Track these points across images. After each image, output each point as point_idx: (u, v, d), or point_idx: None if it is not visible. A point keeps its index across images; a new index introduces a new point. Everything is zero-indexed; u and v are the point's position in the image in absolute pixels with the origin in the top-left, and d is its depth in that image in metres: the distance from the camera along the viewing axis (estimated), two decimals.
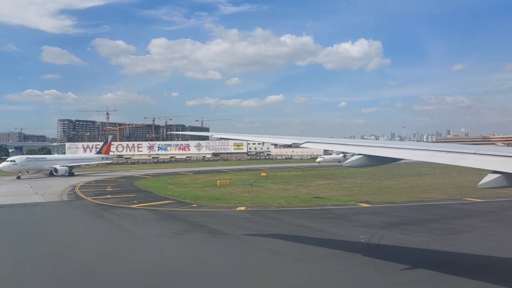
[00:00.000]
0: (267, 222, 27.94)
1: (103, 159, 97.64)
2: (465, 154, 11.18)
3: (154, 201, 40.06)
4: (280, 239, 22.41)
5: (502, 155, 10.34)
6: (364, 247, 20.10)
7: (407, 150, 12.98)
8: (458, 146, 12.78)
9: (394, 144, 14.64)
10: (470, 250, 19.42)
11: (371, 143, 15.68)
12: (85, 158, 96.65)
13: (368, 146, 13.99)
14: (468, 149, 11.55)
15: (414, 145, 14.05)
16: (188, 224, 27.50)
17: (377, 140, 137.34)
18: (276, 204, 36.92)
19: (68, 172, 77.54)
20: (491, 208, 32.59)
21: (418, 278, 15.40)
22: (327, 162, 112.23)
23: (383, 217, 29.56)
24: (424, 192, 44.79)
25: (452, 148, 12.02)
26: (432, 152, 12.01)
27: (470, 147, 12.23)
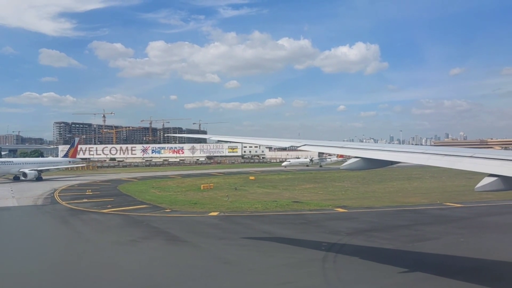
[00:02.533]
0: (233, 229, 27.09)
1: (70, 162, 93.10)
2: (462, 157, 11.13)
3: (129, 205, 39.23)
4: (238, 247, 21.60)
5: (499, 159, 10.29)
6: (322, 256, 19.22)
7: (404, 153, 12.88)
8: (455, 149, 12.61)
9: (391, 147, 14.52)
10: (427, 260, 18.53)
11: (368, 146, 15.55)
12: (53, 161, 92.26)
13: (365, 149, 13.83)
14: (465, 152, 11.46)
15: (411, 148, 13.93)
16: (151, 230, 26.65)
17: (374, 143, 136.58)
18: (252, 209, 36.10)
19: (36, 176, 72.66)
20: (468, 214, 31.70)
21: None
22: (293, 166, 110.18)
23: (354, 223, 28.71)
24: (407, 197, 43.94)
25: (449, 151, 11.94)
26: (429, 155, 11.92)
27: (467, 150, 12.07)
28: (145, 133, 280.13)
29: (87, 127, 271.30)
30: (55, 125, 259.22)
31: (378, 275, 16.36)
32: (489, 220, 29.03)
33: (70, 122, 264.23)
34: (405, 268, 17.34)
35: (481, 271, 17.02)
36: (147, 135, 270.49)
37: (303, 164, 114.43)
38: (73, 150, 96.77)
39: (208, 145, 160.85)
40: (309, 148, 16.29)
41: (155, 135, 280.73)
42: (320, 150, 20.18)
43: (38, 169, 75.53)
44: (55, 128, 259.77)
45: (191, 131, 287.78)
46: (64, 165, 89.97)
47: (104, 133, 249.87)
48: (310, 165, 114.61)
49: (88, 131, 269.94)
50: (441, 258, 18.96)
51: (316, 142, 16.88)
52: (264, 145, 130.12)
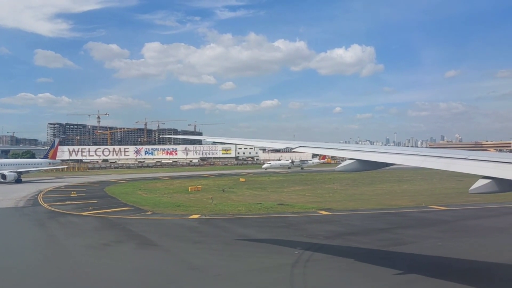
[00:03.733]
0: (210, 232, 26.54)
1: (50, 164, 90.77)
2: (456, 160, 11.11)
3: (112, 208, 38.61)
4: (210, 251, 21.06)
5: (493, 161, 10.30)
6: (294, 260, 18.70)
7: (399, 155, 12.83)
8: (450, 151, 12.60)
9: (386, 149, 14.45)
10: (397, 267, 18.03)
11: (364, 148, 15.45)
12: (33, 163, 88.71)
13: (361, 151, 13.78)
14: (460, 155, 11.47)
15: (406, 150, 13.81)
16: (126, 234, 26.06)
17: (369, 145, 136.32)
18: (235, 211, 35.60)
19: (16, 178, 69.99)
20: (451, 217, 31.30)
21: None
22: (274, 169, 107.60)
23: (334, 226, 28.24)
24: (394, 199, 43.57)
25: (444, 154, 11.93)
26: (424, 157, 11.93)
27: (461, 152, 12.06)
28: (140, 134, 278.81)
29: (82, 128, 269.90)
30: (49, 126, 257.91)
31: (346, 281, 15.89)
32: (472, 223, 28.62)
33: (65, 123, 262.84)
34: (376, 274, 16.86)
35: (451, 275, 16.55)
36: (142, 137, 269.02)
37: (284, 167, 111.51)
38: (53, 151, 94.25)
39: (202, 146, 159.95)
40: (305, 150, 16.38)
41: (150, 136, 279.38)
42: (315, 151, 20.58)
43: (18, 170, 73.28)
44: (49, 129, 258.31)
45: (187, 133, 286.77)
46: (44, 166, 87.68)
47: (99, 134, 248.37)
48: (291, 167, 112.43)
49: (83, 132, 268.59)
50: (415, 262, 18.50)
51: (312, 143, 16.88)
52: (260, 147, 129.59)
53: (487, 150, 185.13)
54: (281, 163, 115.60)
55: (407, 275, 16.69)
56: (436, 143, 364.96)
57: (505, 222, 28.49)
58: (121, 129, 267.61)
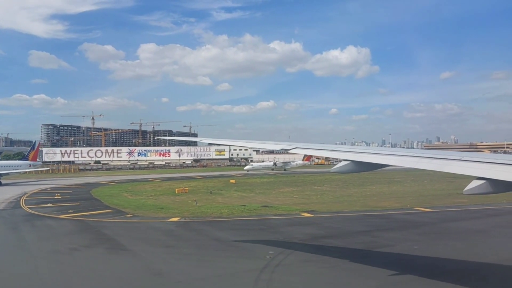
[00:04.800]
0: (185, 236, 25.97)
1: (31, 166, 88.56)
2: (451, 161, 11.14)
3: (92, 210, 37.96)
4: (179, 256, 20.53)
5: (487, 162, 10.33)
6: (264, 265, 18.14)
7: (394, 156, 12.85)
8: (444, 152, 12.67)
9: (381, 150, 14.51)
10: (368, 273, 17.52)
11: (359, 149, 15.38)
12: (13, 165, 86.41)
13: (356, 152, 13.77)
14: (454, 156, 11.49)
15: (401, 151, 13.84)
16: (99, 237, 25.43)
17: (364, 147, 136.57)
18: (217, 214, 35.01)
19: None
20: (434, 219, 30.85)
21: None
22: (256, 170, 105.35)
23: (314, 228, 27.74)
24: (381, 201, 43.12)
25: (438, 155, 11.98)
26: (418, 159, 11.95)
27: (455, 153, 12.09)
28: (134, 135, 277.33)
29: (76, 130, 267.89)
30: (43, 128, 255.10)
31: (311, 287, 15.35)
32: (452, 225, 28.16)
33: (58, 125, 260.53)
34: (344, 281, 16.36)
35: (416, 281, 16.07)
36: (136, 138, 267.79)
37: (267, 168, 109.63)
38: (34, 152, 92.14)
39: (195, 148, 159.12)
40: (300, 151, 16.42)
41: (145, 137, 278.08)
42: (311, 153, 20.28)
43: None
44: (43, 130, 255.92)
45: (182, 134, 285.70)
46: (24, 168, 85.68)
47: (93, 135, 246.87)
48: (274, 168, 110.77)
49: (77, 134, 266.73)
50: (387, 267, 17.98)
51: (307, 145, 16.82)
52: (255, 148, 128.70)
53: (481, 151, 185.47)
54: (264, 165, 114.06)
55: (378, 281, 16.21)
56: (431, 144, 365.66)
57: (486, 224, 28.02)
58: (115, 130, 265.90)
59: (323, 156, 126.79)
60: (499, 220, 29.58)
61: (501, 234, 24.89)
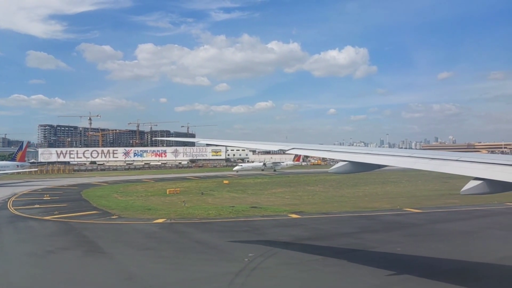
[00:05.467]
0: (167, 238, 25.47)
1: (18, 166, 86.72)
2: (448, 161, 11.13)
3: (79, 212, 37.50)
4: (156, 259, 20.01)
5: (484, 162, 10.31)
6: (240, 269, 17.66)
7: (391, 156, 12.85)
8: (442, 153, 12.63)
9: (378, 151, 14.53)
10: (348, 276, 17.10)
11: (356, 149, 15.35)
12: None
13: (353, 153, 13.75)
14: (451, 156, 11.49)
15: (398, 152, 13.81)
16: (78, 240, 24.94)
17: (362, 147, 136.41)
18: (203, 215, 34.55)
19: None
20: (422, 220, 30.41)
21: None
22: (246, 171, 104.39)
23: (299, 230, 27.29)
24: (372, 202, 42.73)
25: (435, 155, 11.97)
26: (415, 159, 11.95)
27: (453, 154, 12.07)
28: (132, 136, 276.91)
29: (73, 130, 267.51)
30: (39, 128, 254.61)
31: None
32: (440, 227, 27.73)
33: (55, 125, 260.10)
34: (322, 284, 15.92)
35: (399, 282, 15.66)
36: (134, 138, 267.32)
37: (256, 169, 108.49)
38: (21, 153, 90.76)
39: (192, 148, 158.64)
40: (298, 152, 16.57)
41: (142, 138, 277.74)
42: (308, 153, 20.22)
43: None
44: (40, 131, 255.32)
45: (179, 134, 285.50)
46: (11, 169, 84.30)
47: (90, 136, 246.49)
48: (264, 169, 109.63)
49: (74, 134, 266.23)
50: (366, 270, 17.55)
51: (305, 145, 16.84)
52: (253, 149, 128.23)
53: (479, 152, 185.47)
54: (254, 165, 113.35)
55: (357, 285, 15.79)
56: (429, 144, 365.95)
57: (474, 225, 27.59)
58: (113, 131, 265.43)
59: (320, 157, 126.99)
60: (488, 221, 29.15)
61: (488, 236, 24.46)
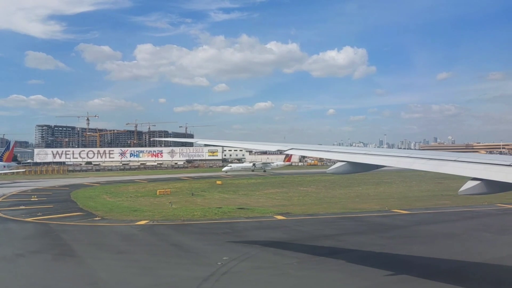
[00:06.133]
0: (145, 240, 24.93)
1: (5, 167, 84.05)
2: (446, 161, 11.15)
3: (63, 213, 36.99)
4: (127, 262, 19.55)
5: (482, 163, 10.32)
6: (211, 272, 17.15)
7: (390, 157, 12.84)
8: (440, 153, 12.66)
9: (377, 151, 14.60)
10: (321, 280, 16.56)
11: (355, 150, 15.37)
12: None
13: (352, 153, 13.75)
14: (449, 157, 11.50)
15: (396, 152, 13.84)
16: (53, 242, 24.42)
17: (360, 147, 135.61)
18: (188, 216, 34.02)
19: None
20: (407, 222, 29.93)
21: None
22: (235, 171, 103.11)
23: (281, 232, 26.74)
24: (362, 203, 42.20)
25: (433, 156, 11.99)
26: (413, 159, 11.95)
27: (451, 154, 12.08)
28: (130, 136, 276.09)
29: (71, 130, 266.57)
30: (37, 128, 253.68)
31: None
32: (424, 228, 27.24)
33: (53, 125, 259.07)
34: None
35: None
36: (132, 139, 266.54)
37: (246, 169, 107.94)
38: (8, 153, 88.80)
39: (188, 148, 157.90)
40: (296, 152, 16.60)
41: (140, 138, 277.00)
42: (307, 154, 20.23)
43: None
44: (37, 131, 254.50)
45: (178, 135, 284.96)
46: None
47: (88, 136, 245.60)
48: (254, 170, 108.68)
49: (72, 134, 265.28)
50: (342, 274, 17.03)
51: (303, 146, 16.84)
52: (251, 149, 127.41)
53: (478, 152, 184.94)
54: (243, 166, 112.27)
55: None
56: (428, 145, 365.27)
57: (459, 227, 27.06)
58: (111, 131, 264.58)
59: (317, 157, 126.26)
60: (474, 223, 28.63)
61: (471, 238, 23.92)
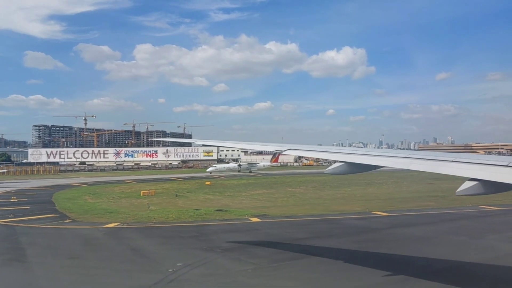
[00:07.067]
0: (103, 245, 23.89)
1: None
2: (444, 162, 11.13)
3: (36, 215, 36.18)
4: (76, 269, 18.60)
5: (479, 163, 10.28)
6: (157, 280, 16.21)
7: (387, 157, 12.85)
8: (438, 153, 12.65)
9: (375, 151, 14.63)
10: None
11: (353, 150, 15.30)
12: None
13: (350, 154, 13.70)
14: (447, 157, 11.46)
15: (394, 152, 13.77)
16: (9, 246, 23.35)
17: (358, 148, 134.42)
18: (162, 219, 33.12)
19: None
20: (384, 224, 28.92)
21: None
22: (219, 172, 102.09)
23: (249, 236, 25.80)
24: (346, 204, 41.23)
25: (431, 156, 11.97)
26: (411, 160, 11.90)
27: (449, 155, 12.00)
28: (128, 136, 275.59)
29: (68, 130, 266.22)
30: (34, 128, 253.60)
31: None
32: (398, 232, 26.17)
33: (50, 125, 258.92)
34: None
35: None
36: (130, 139, 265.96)
37: (232, 170, 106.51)
38: None
39: (183, 148, 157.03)
40: (294, 153, 16.54)
41: (138, 138, 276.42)
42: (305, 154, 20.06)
43: None
44: (35, 131, 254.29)
45: (176, 135, 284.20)
46: None
47: (85, 136, 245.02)
48: (241, 170, 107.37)
49: (69, 134, 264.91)
50: (296, 281, 16.06)
51: (301, 146, 16.81)
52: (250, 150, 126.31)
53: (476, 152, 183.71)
54: (228, 167, 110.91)
55: None
56: (426, 145, 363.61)
57: (433, 230, 26.00)
58: (108, 131, 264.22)
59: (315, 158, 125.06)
60: (450, 226, 27.59)
61: (443, 242, 22.81)
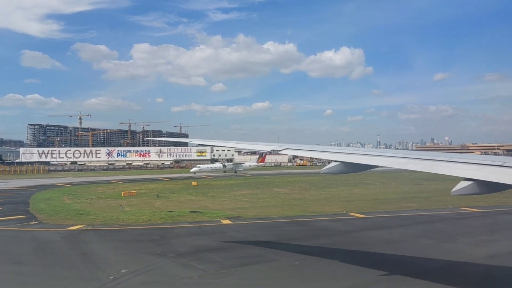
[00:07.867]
0: (54, 249, 22.70)
1: None
2: (439, 162, 11.18)
3: (6, 216, 35.42)
4: (10, 276, 17.57)
5: (475, 163, 10.34)
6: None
7: (384, 157, 12.86)
8: (434, 154, 12.65)
9: (371, 151, 14.65)
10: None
11: (350, 150, 15.29)
12: None
13: (346, 154, 13.73)
14: (442, 157, 11.52)
15: (390, 152, 13.77)
16: None
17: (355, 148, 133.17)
18: (131, 221, 32.06)
19: None
20: (356, 227, 28.02)
21: None
22: (203, 172, 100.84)
23: (211, 239, 24.63)
24: (325, 205, 40.29)
25: (427, 156, 12.03)
26: (407, 160, 11.97)
27: (444, 155, 12.01)
28: (123, 136, 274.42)
29: (63, 130, 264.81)
30: (29, 128, 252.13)
31: None
32: (367, 235, 25.19)
33: (45, 125, 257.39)
34: None
35: None
36: (125, 138, 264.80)
37: (216, 170, 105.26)
38: None
39: (176, 148, 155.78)
40: (290, 152, 16.67)
41: (134, 138, 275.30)
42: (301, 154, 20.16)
43: None
44: (29, 130, 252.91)
45: (172, 134, 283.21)
46: None
47: (80, 135, 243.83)
48: (226, 170, 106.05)
49: (64, 134, 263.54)
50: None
51: (297, 146, 16.83)
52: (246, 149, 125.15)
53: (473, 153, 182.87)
54: (213, 167, 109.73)
55: None
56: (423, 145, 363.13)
57: (404, 233, 25.00)
58: (103, 130, 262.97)
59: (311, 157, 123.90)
60: (423, 229, 26.59)
61: (410, 246, 21.73)
